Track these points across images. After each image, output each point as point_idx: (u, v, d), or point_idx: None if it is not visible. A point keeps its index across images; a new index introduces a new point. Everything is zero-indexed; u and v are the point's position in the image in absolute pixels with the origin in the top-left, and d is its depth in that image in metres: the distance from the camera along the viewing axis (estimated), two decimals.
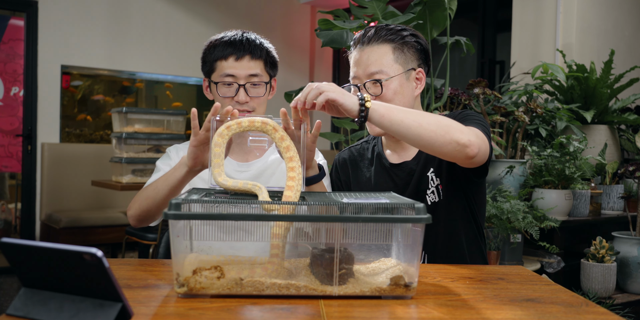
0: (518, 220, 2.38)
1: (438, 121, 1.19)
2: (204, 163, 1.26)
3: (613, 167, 2.93)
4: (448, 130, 1.18)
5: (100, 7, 4.87)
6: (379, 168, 1.57)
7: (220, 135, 1.08)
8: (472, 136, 1.21)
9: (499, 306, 0.94)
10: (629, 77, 3.29)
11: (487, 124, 1.39)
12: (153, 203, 1.35)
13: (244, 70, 1.47)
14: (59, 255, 0.78)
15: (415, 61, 1.45)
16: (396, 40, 1.42)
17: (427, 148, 1.21)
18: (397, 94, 1.41)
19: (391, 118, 1.16)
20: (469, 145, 1.19)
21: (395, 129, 1.17)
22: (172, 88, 5.41)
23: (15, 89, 4.60)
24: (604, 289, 2.53)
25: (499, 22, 4.62)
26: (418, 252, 0.96)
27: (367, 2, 2.87)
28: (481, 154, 1.24)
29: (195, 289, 0.92)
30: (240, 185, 1.06)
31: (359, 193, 1.18)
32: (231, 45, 1.48)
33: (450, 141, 1.18)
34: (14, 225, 4.73)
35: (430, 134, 1.17)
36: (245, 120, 1.09)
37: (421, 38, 1.47)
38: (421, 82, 1.47)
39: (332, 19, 2.98)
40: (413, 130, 1.16)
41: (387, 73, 1.41)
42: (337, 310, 0.89)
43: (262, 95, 1.50)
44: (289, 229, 0.98)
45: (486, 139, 1.29)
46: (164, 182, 1.33)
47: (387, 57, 1.41)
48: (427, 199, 1.47)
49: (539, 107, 2.78)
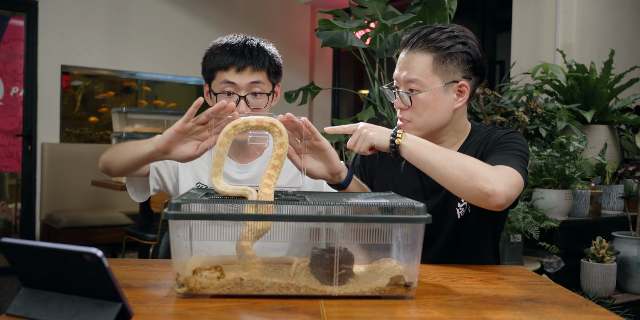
0: (518, 220, 2.38)
1: (464, 166, 1.17)
2: (172, 151, 1.17)
3: (613, 167, 2.93)
4: (472, 176, 1.16)
5: (100, 7, 4.87)
6: (410, 165, 1.48)
7: (227, 134, 1.05)
8: (500, 185, 1.16)
9: (499, 306, 0.94)
10: (629, 77, 3.29)
11: (528, 153, 1.33)
12: (115, 162, 1.33)
13: (245, 80, 1.41)
14: (59, 255, 0.78)
15: (460, 73, 1.35)
16: (441, 50, 1.34)
17: (450, 190, 1.21)
18: (428, 109, 1.35)
19: (419, 156, 1.21)
20: (493, 195, 1.15)
21: (421, 166, 1.22)
22: (162, 91, 5.43)
23: (15, 89, 4.60)
24: (604, 289, 2.53)
25: (499, 22, 4.62)
26: (418, 252, 0.96)
27: (367, 2, 2.87)
28: (508, 202, 1.18)
29: (195, 289, 0.92)
30: (230, 191, 1.06)
31: (359, 193, 1.18)
32: (232, 54, 1.41)
33: (473, 188, 1.16)
34: (14, 225, 4.73)
35: (453, 178, 1.17)
36: (253, 120, 1.06)
37: (472, 47, 1.36)
38: (464, 95, 1.37)
39: (332, 19, 2.98)
40: (437, 171, 1.19)
41: (423, 83, 1.34)
42: (337, 310, 0.88)
43: (263, 107, 1.45)
44: (265, 230, 0.98)
45: (521, 181, 1.22)
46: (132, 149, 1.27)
47: (426, 67, 1.34)
48: (458, 212, 1.41)
49: (539, 107, 2.78)
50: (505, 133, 1.38)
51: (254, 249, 1.00)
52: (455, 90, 1.37)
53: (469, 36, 1.38)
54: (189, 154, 1.17)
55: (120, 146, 1.35)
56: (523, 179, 1.24)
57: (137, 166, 1.31)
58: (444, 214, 1.42)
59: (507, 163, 1.25)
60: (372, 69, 3.04)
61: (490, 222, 1.44)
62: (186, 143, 1.17)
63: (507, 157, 1.27)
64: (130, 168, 1.32)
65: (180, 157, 1.17)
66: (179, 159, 1.18)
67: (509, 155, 1.28)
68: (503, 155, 1.29)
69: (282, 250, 1.37)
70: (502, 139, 1.36)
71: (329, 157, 1.20)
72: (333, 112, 6.22)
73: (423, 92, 1.34)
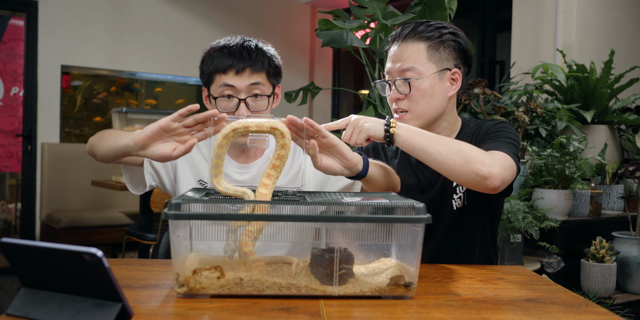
0: (518, 220, 2.38)
1: (459, 150, 1.19)
2: (149, 148, 1.13)
3: (613, 167, 2.93)
4: (468, 160, 1.18)
5: (100, 7, 4.87)
6: (403, 163, 1.51)
7: (226, 137, 1.03)
8: (495, 167, 1.19)
9: (499, 306, 0.94)
10: (629, 77, 3.29)
11: (518, 139, 1.36)
12: (97, 149, 1.32)
13: (244, 82, 1.38)
14: (59, 255, 0.78)
15: (452, 61, 1.41)
16: (433, 38, 1.39)
17: (447, 176, 1.21)
18: (426, 96, 1.39)
19: (413, 144, 1.20)
20: (489, 177, 1.17)
21: (416, 154, 1.21)
22: (162, 91, 5.43)
23: (15, 89, 4.60)
24: (604, 289, 2.53)
25: (499, 22, 4.62)
26: (418, 252, 0.96)
27: (367, 2, 2.87)
28: (504, 185, 1.21)
29: (195, 289, 0.92)
30: (231, 192, 1.06)
31: (359, 193, 1.18)
32: (230, 56, 1.38)
33: (469, 172, 1.17)
34: (14, 225, 4.73)
35: (449, 163, 1.18)
36: (252, 125, 1.03)
37: (461, 37, 1.43)
38: (457, 83, 1.42)
39: (332, 19, 2.98)
40: (433, 157, 1.19)
41: (419, 71, 1.38)
42: (337, 310, 0.89)
43: (264, 109, 1.42)
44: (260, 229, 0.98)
45: (513, 165, 1.26)
46: (113, 139, 1.24)
47: (420, 55, 1.38)
48: (453, 204, 1.44)
49: (539, 107, 2.78)
50: (495, 123, 1.42)
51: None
52: (448, 78, 1.41)
53: (456, 28, 1.44)
54: (165, 153, 1.12)
55: (105, 133, 1.33)
56: (515, 164, 1.27)
57: (116, 157, 1.28)
58: (441, 207, 1.45)
59: (500, 149, 1.28)
60: (372, 69, 3.04)
61: (487, 213, 1.47)
62: (165, 142, 1.13)
63: (498, 144, 1.30)
64: (110, 158, 1.29)
65: (154, 154, 1.12)
66: (153, 157, 1.13)
67: (500, 142, 1.32)
68: (495, 142, 1.32)
69: (282, 248, 1.36)
70: (493, 129, 1.39)
71: (341, 151, 1.15)
72: (333, 112, 6.22)
73: (421, 77, 1.37)
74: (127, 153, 1.20)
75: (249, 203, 0.99)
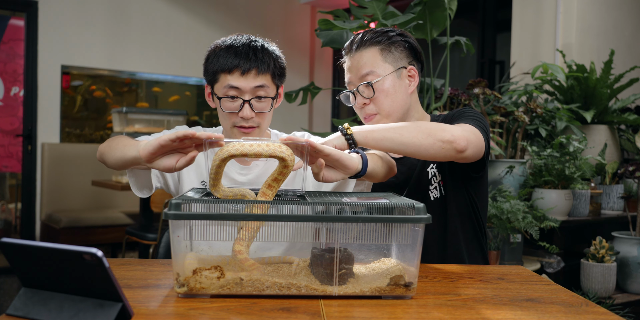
0: (518, 220, 2.38)
1: (418, 126, 1.23)
2: (153, 162, 1.12)
3: (613, 167, 2.93)
4: (429, 132, 1.21)
5: (100, 7, 4.87)
6: None
7: (224, 160, 1.00)
8: (457, 131, 1.23)
9: (499, 306, 0.94)
10: (629, 77, 3.29)
11: (484, 119, 1.41)
12: (107, 157, 1.33)
13: (249, 84, 1.37)
14: (59, 255, 0.78)
15: (405, 59, 1.49)
16: (383, 42, 1.46)
17: (416, 154, 1.23)
18: (389, 95, 1.45)
19: (374, 136, 1.22)
20: (454, 140, 1.21)
21: (381, 145, 1.22)
22: (161, 91, 5.43)
23: (15, 89, 4.60)
24: (604, 289, 2.53)
25: (499, 22, 4.63)
26: (418, 252, 0.96)
27: (367, 2, 2.87)
28: (472, 147, 1.25)
29: (195, 289, 0.92)
30: (231, 196, 1.06)
31: (359, 193, 1.18)
32: (237, 56, 1.36)
33: (435, 141, 1.21)
34: (14, 225, 4.73)
35: (413, 140, 1.21)
36: (251, 153, 0.98)
37: (409, 37, 1.50)
38: (414, 79, 1.50)
39: (332, 19, 2.99)
40: (397, 141, 1.21)
41: (378, 73, 1.45)
42: (337, 310, 0.89)
43: (267, 111, 1.41)
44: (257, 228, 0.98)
45: (478, 132, 1.30)
46: (121, 149, 1.24)
47: (376, 58, 1.46)
48: (430, 194, 1.48)
49: (539, 107, 2.78)
50: (459, 109, 1.47)
51: (253, 248, 0.99)
52: (406, 75, 1.49)
53: (401, 30, 1.51)
54: (168, 165, 1.12)
55: (114, 141, 1.34)
56: (481, 134, 1.30)
57: (125, 167, 1.30)
58: (420, 200, 1.45)
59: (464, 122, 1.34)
60: None
61: (468, 201, 1.49)
62: (168, 155, 1.12)
63: (463, 121, 1.35)
64: (119, 167, 1.31)
65: (159, 167, 1.13)
66: (158, 169, 1.15)
67: (465, 119, 1.36)
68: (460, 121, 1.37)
69: (280, 246, 1.36)
70: (457, 113, 1.45)
71: (343, 163, 1.13)
72: (333, 112, 6.22)
73: (381, 78, 1.44)
74: (136, 163, 1.23)
75: (249, 203, 0.99)
